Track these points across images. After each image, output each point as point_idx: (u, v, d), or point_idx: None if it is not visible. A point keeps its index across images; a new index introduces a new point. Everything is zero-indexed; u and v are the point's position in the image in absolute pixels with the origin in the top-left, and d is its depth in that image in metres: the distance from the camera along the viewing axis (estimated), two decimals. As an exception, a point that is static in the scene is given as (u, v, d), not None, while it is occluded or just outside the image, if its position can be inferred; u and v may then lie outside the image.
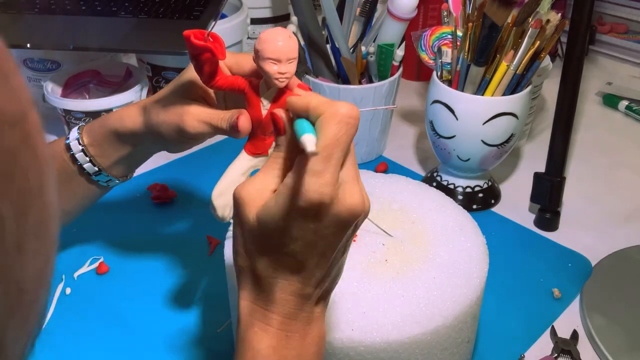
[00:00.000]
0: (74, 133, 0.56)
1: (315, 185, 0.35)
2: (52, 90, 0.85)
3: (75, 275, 0.65)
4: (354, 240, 0.53)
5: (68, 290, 0.63)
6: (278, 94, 0.45)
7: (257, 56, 0.42)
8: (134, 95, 0.84)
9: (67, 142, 0.56)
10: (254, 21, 1.00)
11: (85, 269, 0.66)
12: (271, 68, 0.41)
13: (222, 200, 0.47)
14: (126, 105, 0.83)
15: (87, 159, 0.55)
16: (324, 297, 0.41)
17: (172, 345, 0.57)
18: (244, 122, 0.46)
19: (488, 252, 0.53)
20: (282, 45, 0.41)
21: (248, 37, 0.99)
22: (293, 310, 0.39)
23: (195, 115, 0.49)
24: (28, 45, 0.81)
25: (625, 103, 0.99)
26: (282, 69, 0.42)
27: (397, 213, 0.57)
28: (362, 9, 0.77)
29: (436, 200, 0.58)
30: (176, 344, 0.58)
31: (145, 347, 0.57)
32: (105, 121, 0.55)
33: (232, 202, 0.39)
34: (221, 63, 0.47)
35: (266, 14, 1.02)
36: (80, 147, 0.55)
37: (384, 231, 0.53)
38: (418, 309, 0.47)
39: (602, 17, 1.18)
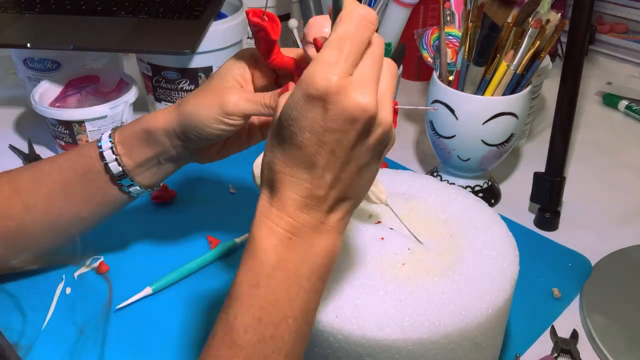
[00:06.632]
0: (106, 133, 0.56)
1: (322, 73, 0.36)
2: (47, 91, 0.83)
3: (75, 275, 0.65)
4: (382, 239, 0.53)
5: (68, 290, 0.63)
6: None
7: (302, 39, 0.44)
8: (122, 106, 0.82)
9: (100, 143, 0.55)
10: (254, 21, 0.99)
11: (85, 269, 0.66)
12: (312, 52, 0.44)
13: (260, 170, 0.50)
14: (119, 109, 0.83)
15: (114, 157, 0.55)
16: (338, 207, 0.41)
17: (172, 345, 0.57)
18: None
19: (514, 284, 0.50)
20: (324, 31, 0.43)
21: (248, 37, 0.99)
22: (301, 213, 0.39)
23: (237, 93, 0.50)
24: (28, 45, 0.81)
25: (625, 103, 0.99)
26: None
27: (441, 224, 0.55)
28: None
29: (484, 218, 0.56)
30: (176, 343, 0.58)
31: (145, 347, 0.57)
32: (138, 120, 0.55)
33: None
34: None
35: (266, 14, 1.02)
36: (110, 145, 0.55)
37: (414, 237, 0.53)
38: (410, 317, 0.46)
39: (602, 17, 1.18)
